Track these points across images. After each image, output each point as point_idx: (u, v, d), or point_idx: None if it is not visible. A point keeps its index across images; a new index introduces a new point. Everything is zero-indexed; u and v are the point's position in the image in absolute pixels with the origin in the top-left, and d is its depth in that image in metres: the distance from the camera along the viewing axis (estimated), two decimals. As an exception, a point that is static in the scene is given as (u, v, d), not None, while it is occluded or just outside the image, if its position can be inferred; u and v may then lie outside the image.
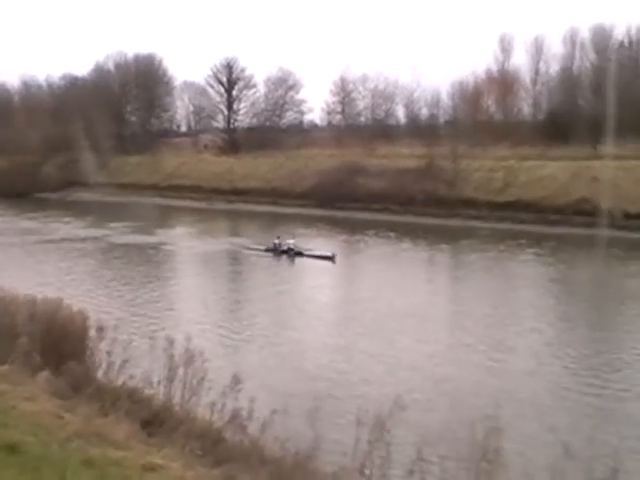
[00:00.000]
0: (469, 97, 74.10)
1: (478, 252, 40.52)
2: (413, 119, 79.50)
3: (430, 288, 32.65)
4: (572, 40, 69.61)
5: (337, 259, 37.65)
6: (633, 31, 67.19)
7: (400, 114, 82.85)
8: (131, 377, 13.16)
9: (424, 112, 79.33)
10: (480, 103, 73.98)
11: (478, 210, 52.06)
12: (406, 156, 61.64)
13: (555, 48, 72.75)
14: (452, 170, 56.05)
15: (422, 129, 71.20)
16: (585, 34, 68.50)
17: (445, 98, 76.86)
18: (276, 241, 39.91)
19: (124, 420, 10.58)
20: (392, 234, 46.80)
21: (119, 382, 13.08)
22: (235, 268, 38.44)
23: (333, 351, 21.59)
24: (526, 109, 74.39)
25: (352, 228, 49.84)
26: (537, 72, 72.88)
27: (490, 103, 75.08)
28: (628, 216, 46.93)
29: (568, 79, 69.34)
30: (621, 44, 68.33)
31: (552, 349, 22.07)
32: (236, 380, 11.92)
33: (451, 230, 48.56)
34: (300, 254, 38.81)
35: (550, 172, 53.33)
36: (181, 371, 12.65)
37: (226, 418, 11.70)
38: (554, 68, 71.71)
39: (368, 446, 10.40)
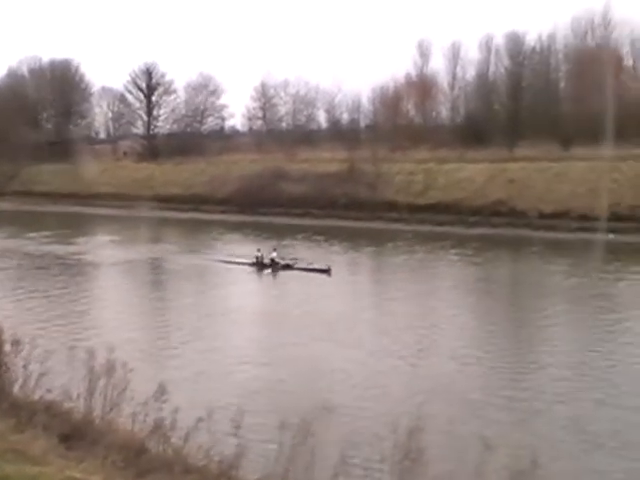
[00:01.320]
0: (389, 101, 75.20)
1: (406, 254, 41.11)
2: (334, 124, 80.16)
3: (365, 290, 32.90)
4: (487, 46, 71.55)
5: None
6: (544, 37, 69.47)
7: (321, 119, 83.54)
8: (49, 391, 12.77)
9: (345, 117, 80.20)
10: (400, 107, 75.20)
11: (399, 213, 52.88)
12: (328, 160, 62.12)
13: (472, 53, 74.46)
14: (373, 174, 56.77)
15: (343, 133, 71.88)
16: (500, 40, 70.54)
17: (366, 103, 77.86)
18: (257, 254, 37.36)
19: (41, 435, 10.29)
20: (320, 238, 46.97)
21: (36, 396, 12.70)
22: (158, 277, 37.89)
23: (260, 358, 21.53)
24: (444, 113, 76.11)
25: (279, 233, 49.78)
26: (454, 77, 74.59)
27: (410, 107, 76.44)
28: (543, 216, 48.49)
29: (484, 84, 71.16)
30: (533, 50, 70.53)
31: (475, 349, 22.55)
32: (160, 390, 11.74)
33: (375, 233, 49.12)
34: (289, 267, 36.09)
35: (468, 174, 54.65)
36: (102, 382, 12.36)
37: (149, 428, 11.51)
38: (471, 73, 73.61)
39: (292, 451, 10.40)
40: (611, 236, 44.12)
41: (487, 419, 16.37)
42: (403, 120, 73.28)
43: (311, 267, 35.30)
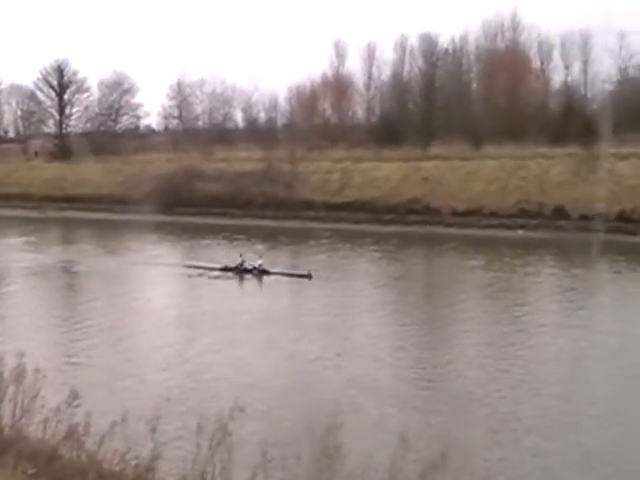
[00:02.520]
0: (306, 101, 75.52)
1: (329, 252, 41.40)
2: (251, 123, 79.95)
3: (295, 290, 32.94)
4: (402, 47, 72.76)
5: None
6: (457, 39, 71.15)
7: (238, 118, 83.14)
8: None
9: (262, 116, 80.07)
10: (316, 107, 75.62)
11: (316, 211, 53.23)
12: (245, 160, 61.96)
13: (387, 54, 75.70)
14: (290, 173, 56.94)
15: (260, 133, 71.80)
16: (414, 41, 71.74)
17: (283, 102, 77.93)
18: (238, 259, 35.56)
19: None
20: (241, 237, 46.78)
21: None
22: (70, 281, 36.91)
23: (178, 361, 21.34)
24: (360, 112, 76.96)
25: (198, 233, 49.36)
26: (370, 77, 75.50)
27: (326, 107, 76.96)
28: (456, 213, 49.71)
29: (399, 84, 72.32)
30: (446, 51, 72.10)
31: (392, 344, 23.00)
32: (73, 395, 11.51)
33: (294, 232, 49.22)
34: (266, 272, 34.55)
35: (383, 173, 55.46)
36: (11, 390, 12.04)
37: (62, 435, 11.28)
38: (386, 73, 74.64)
39: (209, 452, 10.39)
40: (520, 232, 45.70)
41: (402, 414, 16.73)
42: (320, 119, 73.77)
43: (290, 272, 34.11)
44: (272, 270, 34.45)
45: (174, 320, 27.20)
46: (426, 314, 28.27)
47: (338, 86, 75.64)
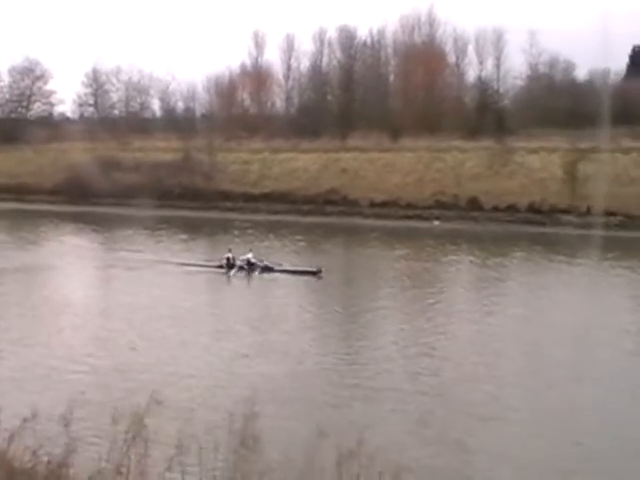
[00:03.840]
0: (224, 91, 74.99)
1: (256, 243, 41.22)
2: (169, 112, 78.81)
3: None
4: (321, 39, 73.02)
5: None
6: (375, 32, 71.93)
7: (156, 107, 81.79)
8: None
9: (180, 105, 79.03)
10: (235, 97, 75.21)
11: (234, 202, 53.05)
12: (163, 149, 61.05)
13: (306, 46, 75.77)
14: (208, 163, 56.51)
15: (178, 122, 70.81)
16: (333, 33, 72.11)
17: (201, 92, 77.08)
18: (229, 255, 33.59)
19: None
20: (163, 226, 46.26)
21: None
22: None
23: (92, 356, 21.01)
24: (279, 103, 76.87)
25: (117, 224, 48.49)
26: (289, 68, 75.41)
27: (245, 97, 76.58)
28: (374, 204, 50.41)
29: (318, 76, 72.58)
30: (364, 44, 72.77)
31: (313, 337, 23.24)
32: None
33: (213, 222, 48.94)
34: (269, 269, 32.65)
35: (302, 164, 55.69)
36: None
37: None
38: (305, 64, 74.71)
39: (125, 445, 10.31)
40: (436, 223, 46.73)
41: (319, 406, 16.97)
42: (238, 110, 73.38)
43: (297, 269, 32.21)
44: (276, 267, 32.60)
45: (96, 315, 26.72)
46: (354, 305, 28.65)
47: (257, 76, 75.38)
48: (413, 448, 14.73)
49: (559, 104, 61.11)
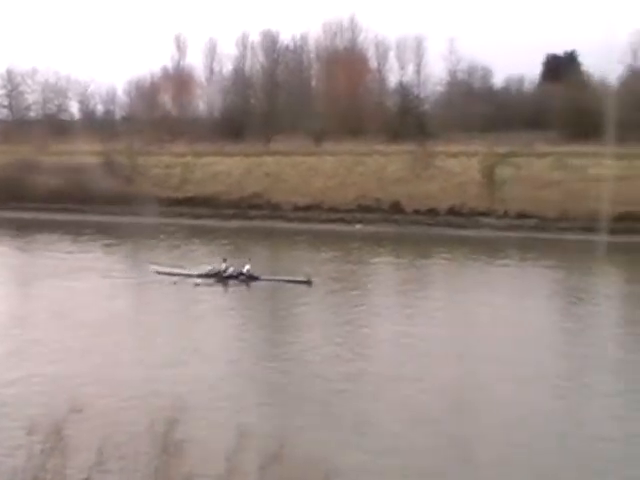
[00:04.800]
0: (146, 94, 74.08)
1: (183, 247, 41.38)
2: (88, 115, 77.29)
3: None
4: (244, 43, 73.07)
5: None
6: (298, 37, 72.37)
7: (74, 110, 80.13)
8: None
9: (100, 108, 77.64)
10: (157, 100, 74.38)
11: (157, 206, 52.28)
12: (83, 153, 59.52)
13: (229, 49, 75.55)
14: (129, 167, 55.52)
15: (98, 125, 69.51)
16: (256, 38, 72.17)
17: (121, 95, 75.94)
18: (223, 265, 32.36)
19: None
20: (88, 231, 45.58)
21: None
22: None
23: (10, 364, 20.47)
24: (202, 107, 76.38)
25: (39, 229, 47.28)
26: (212, 71, 75.11)
27: (167, 100, 75.78)
28: (297, 208, 50.56)
29: (241, 79, 72.48)
30: (287, 49, 73.08)
31: (235, 343, 23.18)
32: None
33: (137, 227, 48.06)
34: (254, 278, 31.71)
35: (225, 168, 55.38)
36: None
37: None
38: (228, 68, 74.52)
39: (42, 455, 10.09)
40: (358, 226, 47.21)
41: (245, 410, 16.98)
42: (160, 113, 72.53)
43: (288, 278, 31.42)
44: (263, 276, 31.70)
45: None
46: (282, 309, 28.74)
47: (179, 80, 74.76)
48: (338, 450, 14.88)
49: (478, 109, 62.74)
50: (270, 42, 72.07)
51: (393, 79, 72.41)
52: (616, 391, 19.10)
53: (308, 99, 68.50)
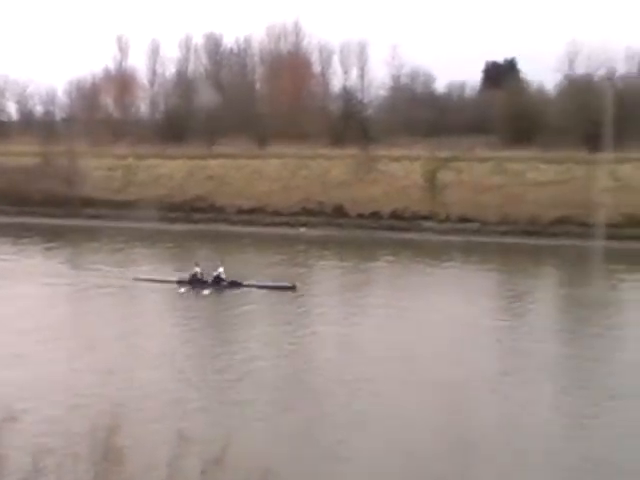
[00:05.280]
0: (87, 95, 73.07)
1: (126, 250, 40.72)
2: (27, 116, 75.77)
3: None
4: (187, 45, 72.59)
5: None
6: (241, 40, 72.30)
7: (12, 110, 78.49)
8: None
9: (39, 109, 76.17)
10: (98, 101, 73.41)
11: (98, 209, 51.54)
12: (20, 154, 58.31)
13: (172, 52, 74.95)
14: (70, 169, 54.48)
15: (37, 126, 68.20)
16: (199, 40, 71.79)
17: (62, 96, 74.66)
18: (197, 269, 31.47)
19: None
20: (27, 234, 44.77)
21: None
22: None
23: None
24: (144, 109, 75.61)
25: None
26: (154, 73, 74.39)
27: (108, 102, 74.79)
28: (241, 211, 50.43)
29: (184, 81, 71.98)
30: (231, 51, 72.89)
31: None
32: None
33: (78, 230, 47.43)
34: (237, 284, 31.05)
35: (168, 171, 54.88)
36: None
37: None
38: (171, 70, 73.93)
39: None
40: (302, 230, 47.31)
41: (183, 414, 16.88)
42: (101, 114, 71.54)
43: (270, 284, 30.92)
44: (245, 282, 31.07)
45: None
46: (227, 312, 28.58)
47: (121, 81, 73.84)
48: (277, 451, 14.92)
49: (420, 114, 63.51)
50: (213, 45, 71.77)
51: (337, 83, 72.90)
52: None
53: (252, 102, 68.31)
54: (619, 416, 17.55)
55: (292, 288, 30.49)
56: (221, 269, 31.43)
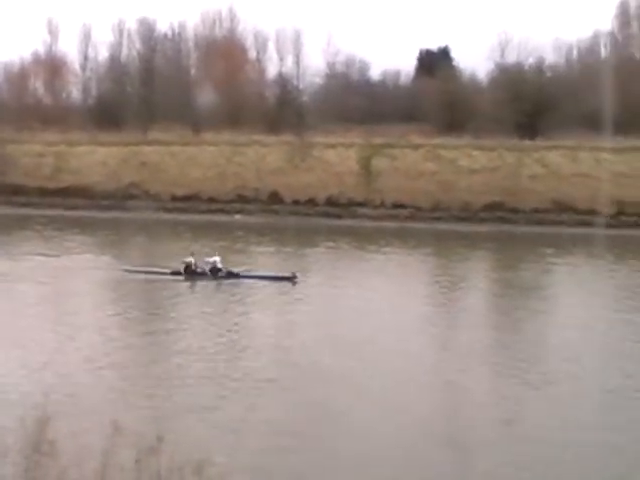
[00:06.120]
0: (15, 79, 71.05)
1: (54, 239, 39.77)
2: (-49, 100, 73.15)
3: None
4: (120, 29, 71.10)
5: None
6: (176, 25, 71.31)
7: None
8: None
9: (-36, 94, 73.54)
10: (27, 86, 71.47)
11: (28, 197, 50.42)
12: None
13: (104, 36, 73.25)
14: (-3, 155, 53.09)
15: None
16: (132, 25, 70.51)
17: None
18: (190, 259, 30.43)
19: None
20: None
21: None
22: None
23: None
24: (76, 94, 73.90)
25: None
26: (86, 58, 72.68)
27: (38, 86, 72.93)
28: (175, 199, 50.03)
29: (117, 66, 70.67)
30: (165, 36, 71.81)
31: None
32: None
33: (7, 218, 46.30)
34: (235, 275, 30.19)
35: (101, 158, 53.93)
36: None
37: None
38: (103, 55, 72.42)
39: None
40: (237, 217, 47.25)
41: (118, 405, 16.80)
42: (30, 99, 69.70)
43: (269, 275, 30.15)
44: (242, 273, 30.32)
45: None
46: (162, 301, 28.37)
47: (51, 65, 71.89)
48: (215, 441, 14.99)
49: (355, 102, 63.89)
50: (147, 30, 70.49)
51: (272, 70, 72.60)
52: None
53: (186, 88, 67.52)
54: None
55: (292, 278, 29.88)
56: (217, 258, 30.59)
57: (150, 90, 65.30)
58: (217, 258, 30.52)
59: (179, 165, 52.43)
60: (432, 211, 47.36)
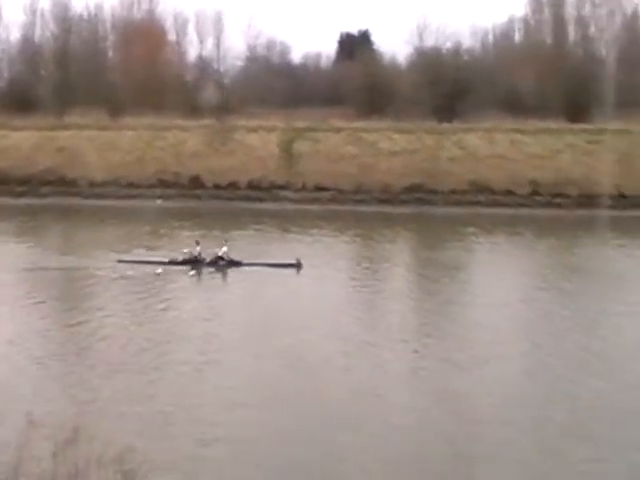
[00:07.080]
0: None
1: None
2: None
3: None
4: (32, 9, 69.02)
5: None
6: (92, 6, 69.51)
7: None
8: None
9: None
10: None
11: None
12: None
13: (16, 16, 70.91)
14: None
15: None
16: (46, 4, 68.44)
17: None
18: (197, 248, 29.79)
19: None
20: None
21: None
22: None
23: None
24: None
25: None
26: (-4, 39, 70.27)
27: (-56, 68, 70.05)
28: (93, 184, 48.90)
29: (29, 48, 68.55)
30: (81, 17, 69.90)
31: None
32: None
33: None
34: (237, 263, 29.62)
35: (13, 142, 52.21)
36: None
37: None
38: (15, 36, 70.11)
39: None
40: (159, 202, 46.65)
41: (32, 397, 16.52)
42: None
43: (273, 262, 29.51)
44: (245, 261, 29.74)
45: None
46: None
47: (-42, 46, 69.20)
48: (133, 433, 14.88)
49: (277, 85, 63.77)
50: (62, 10, 68.40)
51: (192, 53, 71.73)
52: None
53: (104, 71, 65.97)
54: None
55: (297, 266, 29.38)
56: (225, 248, 30.12)
57: (65, 73, 63.49)
58: (225, 249, 30.15)
59: (97, 150, 51.18)
60: (354, 193, 47.81)
